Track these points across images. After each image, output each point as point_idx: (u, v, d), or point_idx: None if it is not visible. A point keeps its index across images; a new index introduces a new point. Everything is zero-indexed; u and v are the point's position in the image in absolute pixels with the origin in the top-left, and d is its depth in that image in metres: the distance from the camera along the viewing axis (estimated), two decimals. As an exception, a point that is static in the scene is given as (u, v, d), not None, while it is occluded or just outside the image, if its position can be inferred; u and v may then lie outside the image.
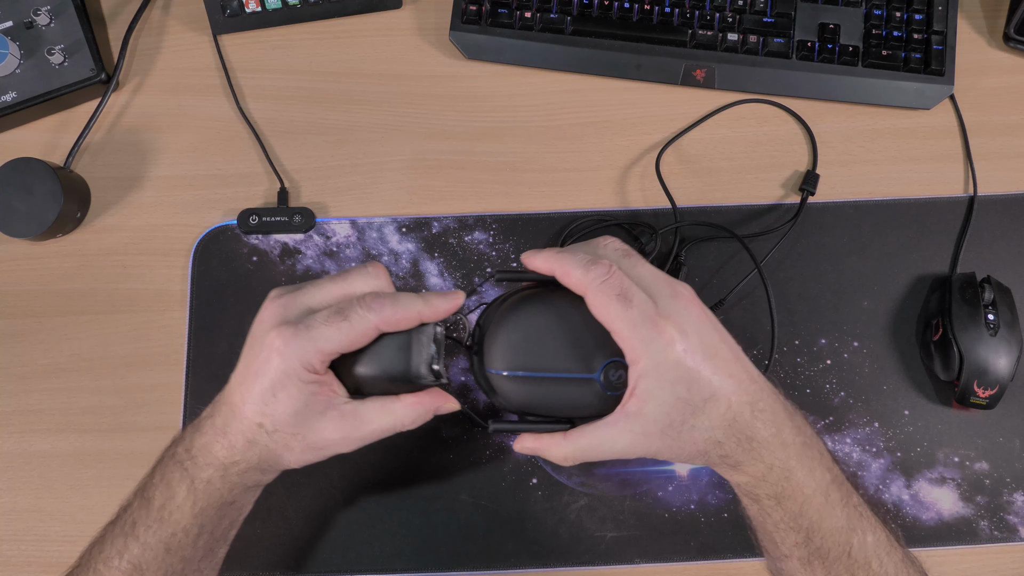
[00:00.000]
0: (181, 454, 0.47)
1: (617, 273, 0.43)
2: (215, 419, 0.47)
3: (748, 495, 0.47)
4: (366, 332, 0.45)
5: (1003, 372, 0.61)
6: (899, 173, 0.68)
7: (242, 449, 0.46)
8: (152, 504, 0.46)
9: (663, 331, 0.42)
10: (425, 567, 0.62)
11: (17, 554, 0.62)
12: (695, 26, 0.69)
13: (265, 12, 0.71)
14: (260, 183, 0.69)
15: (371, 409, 0.46)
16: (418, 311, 0.45)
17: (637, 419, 0.44)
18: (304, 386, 0.44)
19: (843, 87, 0.69)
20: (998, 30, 0.71)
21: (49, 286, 0.67)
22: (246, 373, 0.46)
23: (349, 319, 0.44)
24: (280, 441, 0.46)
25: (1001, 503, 0.62)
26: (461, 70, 0.71)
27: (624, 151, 0.69)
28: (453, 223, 0.67)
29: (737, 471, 0.46)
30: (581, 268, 0.44)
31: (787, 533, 0.46)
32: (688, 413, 0.43)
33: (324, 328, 0.44)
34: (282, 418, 0.45)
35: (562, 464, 0.47)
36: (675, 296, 0.44)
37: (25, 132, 0.70)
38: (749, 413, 0.44)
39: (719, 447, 0.44)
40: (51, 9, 0.68)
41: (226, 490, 0.46)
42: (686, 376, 0.43)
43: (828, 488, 0.46)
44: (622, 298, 0.43)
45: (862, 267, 0.66)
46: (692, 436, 0.44)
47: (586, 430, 0.45)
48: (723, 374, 0.44)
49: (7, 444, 0.64)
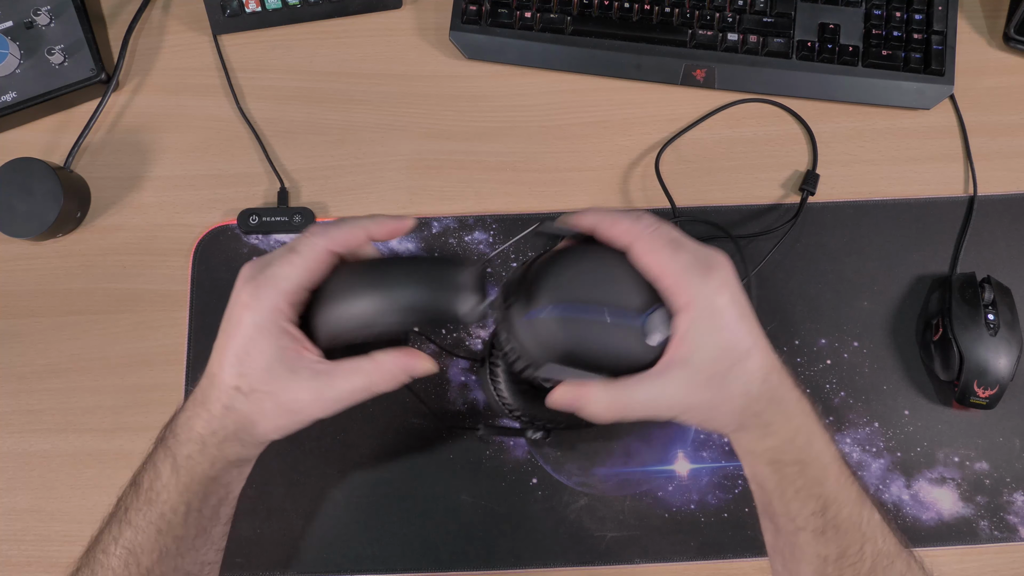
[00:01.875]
0: (166, 435, 0.47)
1: (667, 224, 0.44)
2: (196, 394, 0.47)
3: (772, 462, 0.46)
4: (319, 258, 0.45)
5: (1003, 372, 0.61)
6: (899, 173, 0.68)
7: (220, 416, 0.46)
8: (141, 487, 0.47)
9: (712, 277, 0.42)
10: (425, 567, 0.62)
11: (17, 554, 0.62)
12: (695, 26, 0.69)
13: (265, 12, 0.71)
14: (260, 183, 0.69)
15: (342, 367, 0.45)
16: (364, 227, 0.46)
17: (685, 367, 0.42)
18: (276, 338, 0.44)
19: (843, 87, 0.69)
20: (998, 30, 0.71)
21: (49, 286, 0.67)
22: (221, 339, 0.46)
23: (298, 250, 0.44)
24: (255, 403, 0.45)
25: (1001, 503, 0.62)
26: (461, 70, 0.71)
27: (624, 151, 0.69)
28: (453, 223, 0.67)
29: (767, 432, 0.45)
30: (631, 218, 0.44)
31: (806, 501, 0.46)
32: (730, 363, 0.43)
33: (278, 268, 0.44)
34: (256, 375, 0.44)
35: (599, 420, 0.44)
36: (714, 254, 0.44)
37: (25, 132, 0.70)
38: (777, 373, 0.44)
39: (754, 403, 0.44)
40: (51, 9, 0.68)
41: (207, 464, 0.46)
42: (731, 325, 0.43)
43: (841, 461, 0.46)
44: (673, 243, 0.43)
45: (862, 267, 0.66)
46: (732, 389, 0.43)
47: (630, 381, 0.43)
48: (757, 332, 0.44)
49: (7, 444, 0.64)
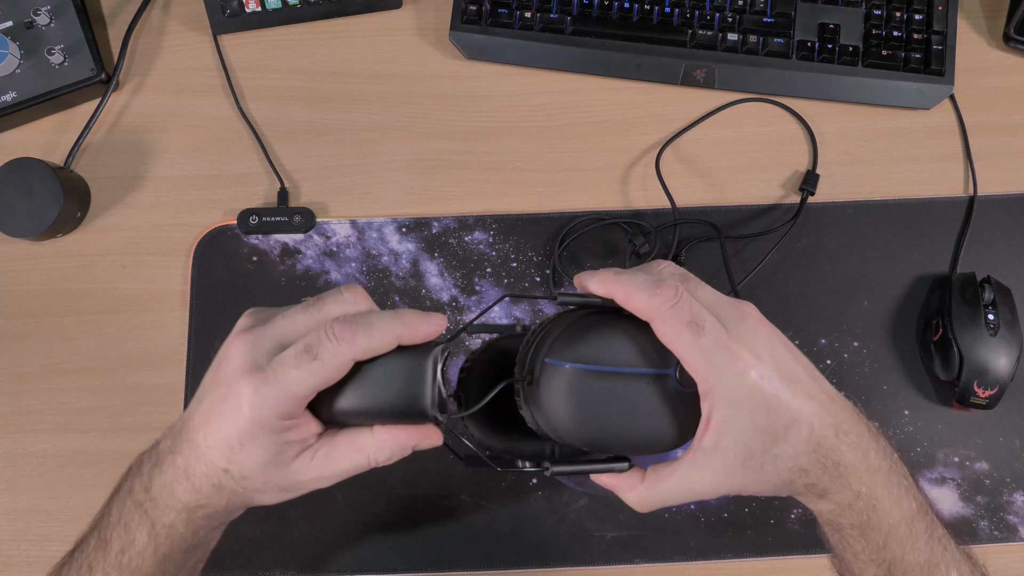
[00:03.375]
0: (139, 492, 0.43)
1: (686, 297, 0.40)
2: (175, 457, 0.42)
3: (830, 524, 0.44)
4: (340, 367, 0.40)
5: (1003, 372, 0.61)
6: (899, 173, 0.68)
7: (208, 494, 0.42)
8: (110, 548, 0.43)
9: (738, 357, 0.39)
10: (425, 567, 0.62)
11: (17, 554, 0.62)
12: (695, 26, 0.69)
13: (265, 12, 0.71)
14: (260, 183, 0.69)
15: (340, 447, 0.42)
16: (396, 333, 0.40)
17: (716, 454, 0.40)
18: (276, 436, 0.40)
19: (843, 87, 0.69)
20: (998, 30, 0.71)
21: (49, 286, 0.67)
22: (210, 414, 0.41)
23: (320, 357, 0.39)
24: (249, 487, 0.42)
25: (1001, 503, 0.62)
26: (461, 70, 0.71)
27: (624, 151, 0.69)
28: (453, 223, 0.67)
29: (823, 499, 0.42)
30: (646, 291, 0.40)
31: (867, 565, 0.44)
32: (769, 442, 0.40)
33: (294, 371, 0.39)
34: (250, 467, 0.41)
35: (637, 510, 0.43)
36: (743, 318, 0.41)
37: (25, 132, 0.70)
38: (833, 436, 0.41)
39: (805, 475, 0.41)
40: (51, 9, 0.68)
41: (190, 534, 0.43)
42: (764, 403, 0.40)
43: (913, 519, 0.43)
44: (693, 325, 0.39)
45: (862, 267, 0.66)
46: (776, 467, 0.40)
47: (662, 473, 0.42)
48: (803, 397, 0.40)
49: (7, 444, 0.64)
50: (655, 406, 0.41)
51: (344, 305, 0.42)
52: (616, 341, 0.41)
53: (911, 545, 0.43)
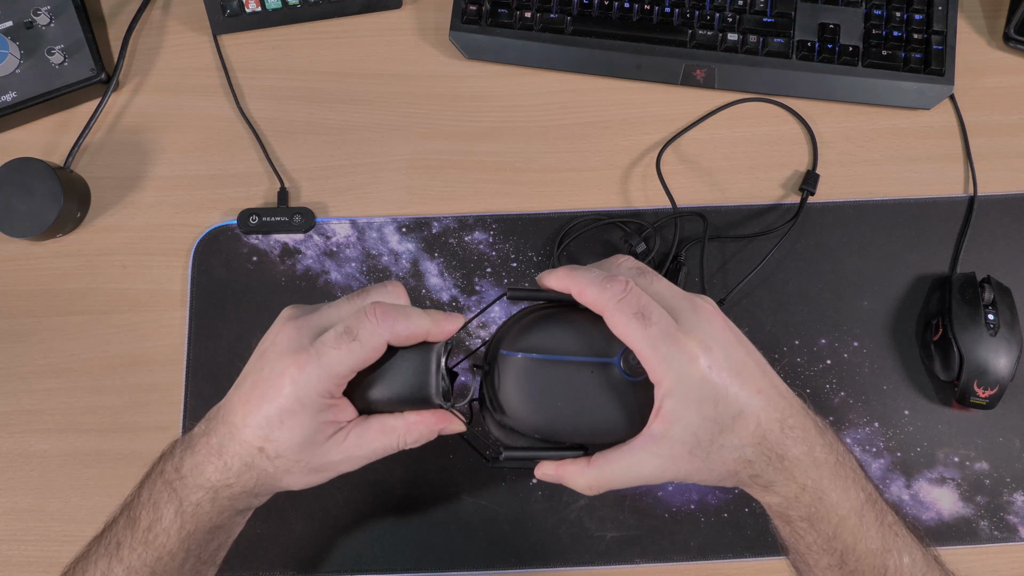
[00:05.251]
0: (170, 473, 0.45)
1: (634, 290, 0.42)
2: (210, 438, 0.44)
3: (780, 516, 0.45)
4: (377, 348, 0.43)
5: (1003, 372, 0.61)
6: (899, 173, 0.68)
7: (237, 472, 0.44)
8: (138, 525, 0.45)
9: (684, 348, 0.41)
10: (425, 567, 0.62)
11: (17, 554, 0.62)
12: (695, 26, 0.69)
13: (265, 12, 0.71)
14: (260, 183, 0.69)
15: (373, 428, 0.45)
16: (426, 329, 0.44)
17: (664, 441, 0.42)
18: (316, 414, 0.43)
19: (843, 87, 0.69)
20: (998, 30, 0.71)
21: (49, 286, 0.67)
22: (251, 394, 0.43)
23: (359, 338, 0.42)
24: (281, 466, 0.44)
25: (1001, 503, 0.62)
26: (461, 70, 0.71)
27: (624, 151, 0.69)
28: (453, 223, 0.67)
29: (769, 492, 0.44)
30: (597, 286, 0.42)
31: (820, 555, 0.45)
32: (716, 432, 0.42)
33: (335, 351, 0.42)
34: (287, 445, 0.43)
35: (586, 493, 0.45)
36: (696, 310, 0.43)
37: (25, 132, 0.70)
38: (779, 430, 0.42)
39: (749, 466, 0.43)
40: (51, 9, 0.68)
41: (215, 513, 0.45)
42: (712, 394, 0.41)
43: (863, 508, 0.44)
44: (640, 316, 0.41)
45: (862, 267, 0.66)
46: (721, 456, 0.42)
47: (610, 456, 0.43)
48: (751, 390, 0.42)
49: (7, 444, 0.64)
50: (601, 394, 0.43)
51: (385, 295, 0.46)
52: (565, 332, 0.44)
53: (862, 534, 0.44)
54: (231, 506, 0.45)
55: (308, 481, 0.46)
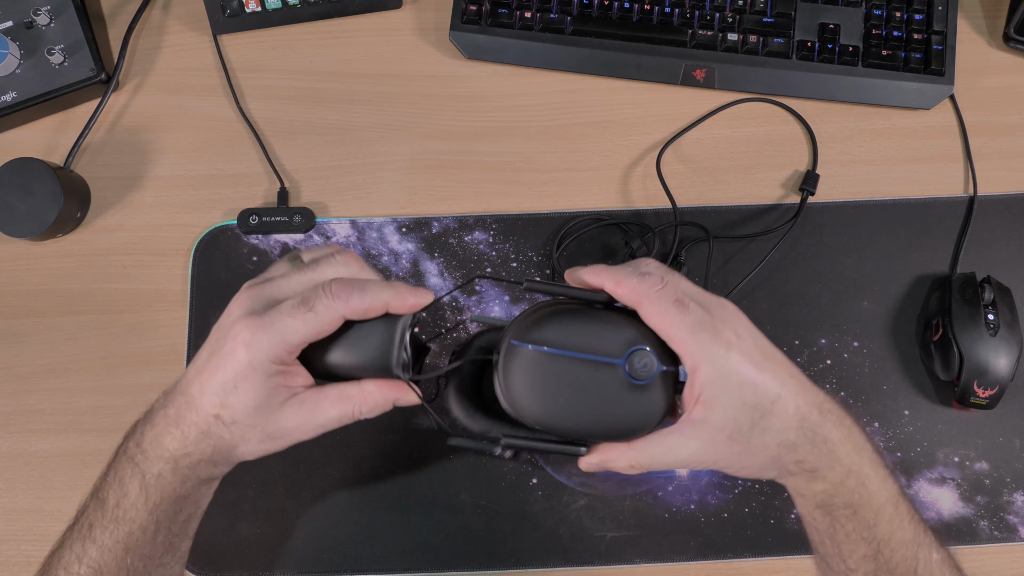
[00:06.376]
0: (132, 449, 0.46)
1: (671, 282, 0.44)
2: (168, 410, 0.45)
3: (822, 506, 0.45)
4: (332, 322, 0.44)
5: (1003, 372, 0.61)
6: (899, 173, 0.68)
7: (194, 440, 0.45)
8: (106, 504, 0.46)
9: (721, 335, 0.42)
10: (425, 567, 0.62)
11: (17, 554, 0.62)
12: (695, 26, 0.69)
13: (265, 12, 0.71)
14: (260, 183, 0.69)
15: (329, 396, 0.46)
16: (385, 301, 0.45)
17: (703, 426, 0.42)
18: (268, 379, 0.44)
19: (843, 87, 0.69)
20: (998, 30, 0.71)
21: (49, 286, 0.67)
22: (207, 363, 0.44)
23: (314, 309, 0.43)
24: (237, 433, 0.45)
25: (1001, 503, 0.62)
26: (461, 70, 0.71)
27: (624, 151, 0.69)
28: (453, 223, 0.67)
29: (815, 478, 0.44)
30: (635, 277, 0.43)
31: (857, 545, 0.45)
32: (757, 416, 0.42)
33: (289, 319, 0.43)
34: (241, 410, 0.44)
35: (628, 473, 0.45)
36: (722, 306, 0.44)
37: (25, 132, 0.70)
38: (818, 413, 0.43)
39: (794, 451, 0.43)
40: (51, 9, 0.68)
41: (178, 483, 0.45)
42: (751, 379, 0.42)
43: (898, 499, 0.45)
44: (679, 303, 0.42)
45: (862, 267, 0.66)
46: (764, 440, 0.42)
47: (651, 439, 0.44)
48: (785, 376, 0.43)
49: (7, 444, 0.64)
50: (603, 394, 0.44)
51: (337, 267, 0.47)
52: (575, 328, 0.44)
53: (898, 524, 0.44)
54: (193, 475, 0.46)
55: (264, 449, 0.46)
